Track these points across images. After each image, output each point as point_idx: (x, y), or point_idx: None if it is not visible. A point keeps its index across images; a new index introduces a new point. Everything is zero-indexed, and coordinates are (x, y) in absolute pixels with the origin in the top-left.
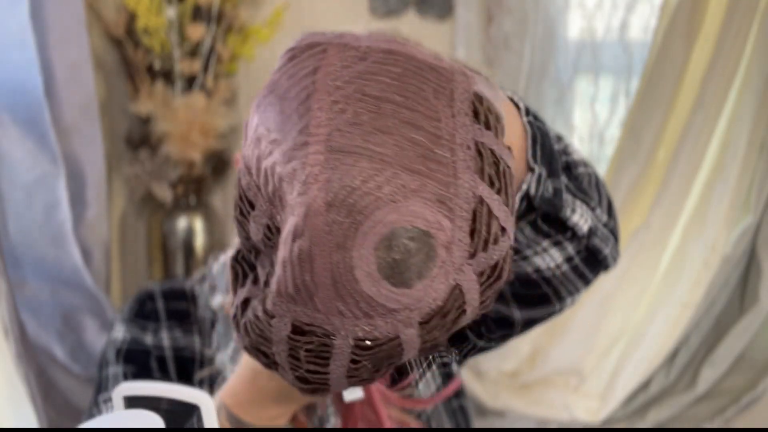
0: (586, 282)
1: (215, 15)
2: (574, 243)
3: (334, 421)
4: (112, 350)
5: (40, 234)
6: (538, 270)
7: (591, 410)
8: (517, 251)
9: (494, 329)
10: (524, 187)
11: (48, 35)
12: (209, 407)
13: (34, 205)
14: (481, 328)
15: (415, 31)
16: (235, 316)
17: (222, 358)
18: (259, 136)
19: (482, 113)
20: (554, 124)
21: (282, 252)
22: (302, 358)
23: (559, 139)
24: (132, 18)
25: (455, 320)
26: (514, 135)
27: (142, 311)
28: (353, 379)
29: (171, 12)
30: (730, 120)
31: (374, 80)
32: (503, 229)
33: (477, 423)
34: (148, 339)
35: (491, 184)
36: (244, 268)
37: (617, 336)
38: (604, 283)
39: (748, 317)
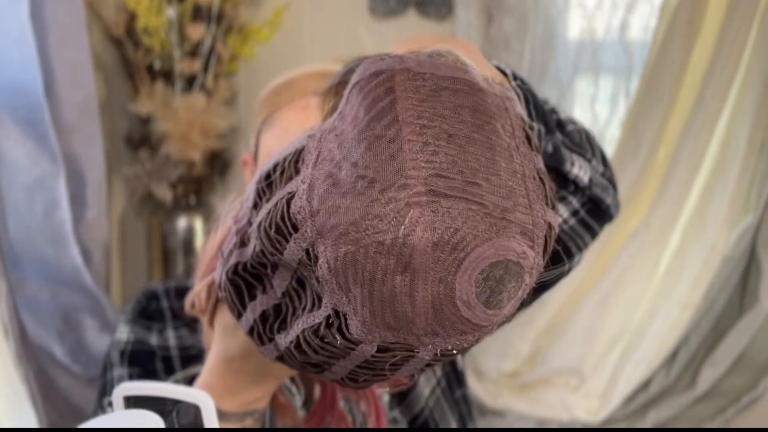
0: (593, 234)
1: (215, 15)
2: (578, 196)
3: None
4: (116, 352)
5: (40, 234)
6: None
7: (591, 410)
8: None
9: None
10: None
11: (48, 35)
12: (209, 407)
13: (34, 205)
14: None
15: (415, 31)
16: (253, 329)
17: None
18: (338, 164)
19: (531, 137)
20: None
21: (376, 288)
22: (376, 369)
23: (546, 101)
24: (132, 18)
25: None
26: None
27: (146, 311)
28: (406, 376)
29: (171, 12)
30: (730, 120)
31: (454, 118)
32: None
33: (477, 423)
34: (153, 339)
35: (552, 207)
36: (248, 280)
37: (617, 336)
38: (604, 283)
39: (748, 317)
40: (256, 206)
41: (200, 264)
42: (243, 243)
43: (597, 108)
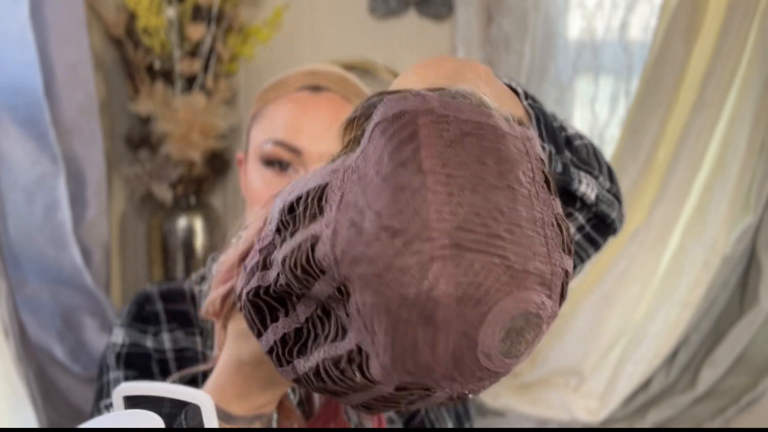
0: (597, 247)
1: (215, 15)
2: (584, 212)
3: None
4: (112, 355)
5: (40, 234)
6: None
7: (591, 410)
8: None
9: None
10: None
11: (48, 35)
12: (209, 407)
13: (34, 205)
14: None
15: (415, 31)
16: (273, 350)
17: None
18: (362, 212)
19: (550, 180)
20: None
21: (399, 338)
22: (391, 402)
23: (555, 117)
24: (132, 18)
25: None
26: (510, 100)
27: (141, 314)
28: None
29: (171, 12)
30: (730, 120)
31: (479, 167)
32: None
33: (477, 423)
34: (149, 342)
35: (569, 252)
36: (271, 303)
37: (617, 336)
38: (604, 283)
39: (748, 317)
40: (279, 232)
41: (219, 272)
42: (266, 266)
43: (597, 108)
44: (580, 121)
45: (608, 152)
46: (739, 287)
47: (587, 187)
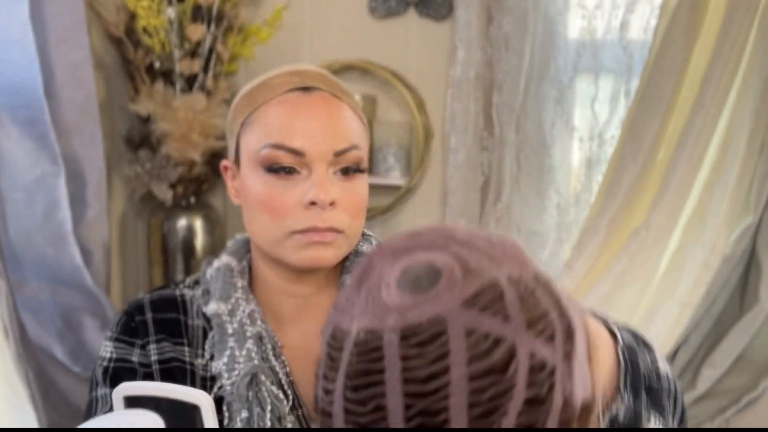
0: None
1: (215, 15)
2: None
3: None
4: (100, 370)
5: (40, 234)
6: None
7: None
8: None
9: None
10: (613, 411)
11: (48, 35)
12: (209, 407)
13: (34, 205)
14: None
15: (415, 31)
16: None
17: (218, 366)
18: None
19: None
20: (554, 124)
21: None
22: None
23: (648, 348)
24: (132, 18)
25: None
26: (606, 364)
27: (130, 325)
28: None
29: (171, 12)
30: (730, 120)
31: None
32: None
33: None
34: (135, 356)
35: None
36: None
37: None
38: (604, 283)
39: (748, 317)
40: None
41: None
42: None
43: (597, 108)
44: (580, 121)
45: (608, 152)
46: (739, 287)
47: (654, 424)
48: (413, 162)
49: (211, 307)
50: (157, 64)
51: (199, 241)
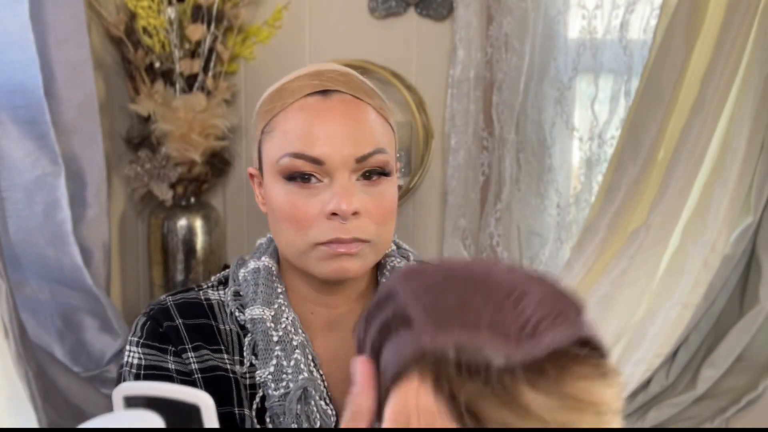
0: None
1: (215, 15)
2: None
3: None
4: (131, 378)
5: (40, 234)
6: None
7: None
8: None
9: None
10: None
11: (48, 35)
12: (209, 407)
13: (34, 205)
14: None
15: (415, 31)
16: None
17: (262, 375)
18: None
19: None
20: (554, 124)
21: None
22: None
23: None
24: (132, 18)
25: None
26: None
27: (158, 331)
28: None
29: (171, 12)
30: (730, 120)
31: None
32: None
33: None
34: (170, 364)
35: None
36: None
37: (617, 336)
38: (604, 283)
39: (748, 317)
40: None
41: None
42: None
43: (597, 108)
44: (580, 121)
45: (608, 152)
46: (739, 287)
47: None
48: (413, 162)
49: (255, 312)
50: (157, 64)
51: (199, 241)
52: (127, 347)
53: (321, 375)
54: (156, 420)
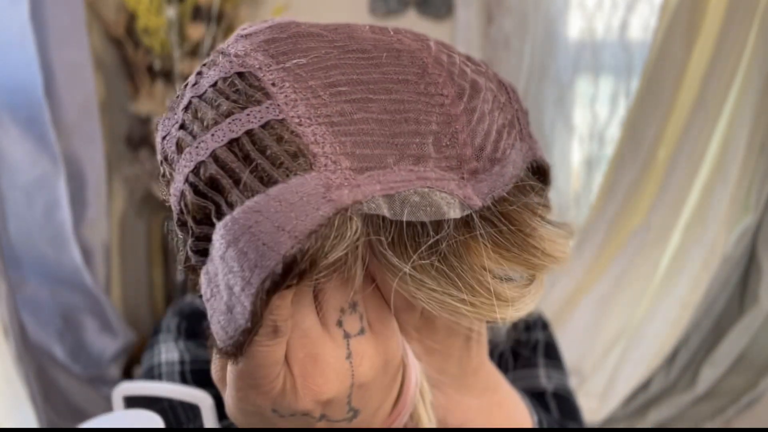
0: None
1: (215, 15)
2: None
3: None
4: (175, 375)
5: (40, 234)
6: None
7: (591, 410)
8: None
9: None
10: None
11: (48, 35)
12: (209, 407)
13: (34, 205)
14: None
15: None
16: None
17: None
18: None
19: None
20: (554, 124)
21: None
22: None
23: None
24: (132, 18)
25: None
26: None
27: (197, 329)
28: None
29: (171, 12)
30: (730, 120)
31: None
32: None
33: None
34: None
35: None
36: None
37: (617, 336)
38: (604, 283)
39: (748, 317)
40: None
41: None
42: None
43: (597, 108)
44: (580, 121)
45: (608, 152)
46: (739, 287)
47: None
48: None
49: None
50: (157, 64)
51: None
52: (162, 348)
53: None
54: (156, 420)
